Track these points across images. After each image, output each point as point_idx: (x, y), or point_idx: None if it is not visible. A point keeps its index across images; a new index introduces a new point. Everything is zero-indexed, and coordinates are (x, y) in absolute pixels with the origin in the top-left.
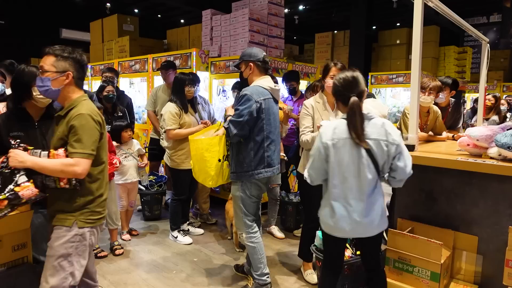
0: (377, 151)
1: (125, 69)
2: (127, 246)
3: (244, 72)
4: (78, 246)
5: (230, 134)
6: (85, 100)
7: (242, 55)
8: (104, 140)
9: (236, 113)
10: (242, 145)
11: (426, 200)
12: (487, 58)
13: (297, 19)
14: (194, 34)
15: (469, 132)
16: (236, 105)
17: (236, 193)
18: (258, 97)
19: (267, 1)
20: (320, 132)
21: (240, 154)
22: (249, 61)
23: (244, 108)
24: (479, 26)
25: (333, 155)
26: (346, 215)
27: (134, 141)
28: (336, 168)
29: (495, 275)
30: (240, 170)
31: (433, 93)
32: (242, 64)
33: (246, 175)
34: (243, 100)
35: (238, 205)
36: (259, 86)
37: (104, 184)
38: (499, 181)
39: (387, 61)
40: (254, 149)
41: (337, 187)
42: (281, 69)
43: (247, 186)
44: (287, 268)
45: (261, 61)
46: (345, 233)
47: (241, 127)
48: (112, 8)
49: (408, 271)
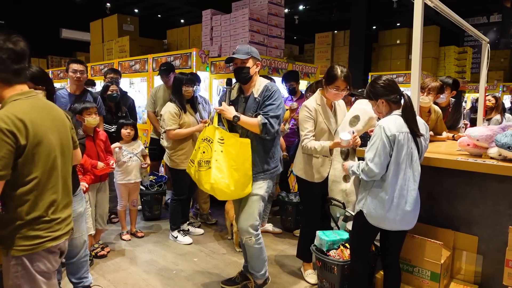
0: (424, 145)
1: (125, 69)
2: (127, 246)
3: (251, 68)
4: (23, 275)
5: (270, 131)
6: (16, 100)
7: (250, 51)
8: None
9: (273, 107)
10: (270, 141)
11: (426, 200)
12: (487, 58)
13: (297, 19)
14: (194, 34)
15: (469, 132)
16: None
17: (261, 192)
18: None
19: (267, 1)
20: (383, 126)
21: (269, 150)
22: (257, 59)
23: (280, 103)
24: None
25: (395, 147)
26: (398, 206)
27: (138, 142)
28: (395, 160)
29: (495, 275)
30: (274, 166)
31: (432, 93)
32: (250, 59)
33: (276, 171)
34: (278, 95)
35: (257, 206)
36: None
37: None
38: (499, 181)
39: (387, 61)
40: (277, 143)
41: (393, 178)
42: (281, 69)
43: (270, 184)
44: (287, 268)
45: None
46: (393, 224)
47: (279, 121)
48: (112, 8)
49: (408, 271)
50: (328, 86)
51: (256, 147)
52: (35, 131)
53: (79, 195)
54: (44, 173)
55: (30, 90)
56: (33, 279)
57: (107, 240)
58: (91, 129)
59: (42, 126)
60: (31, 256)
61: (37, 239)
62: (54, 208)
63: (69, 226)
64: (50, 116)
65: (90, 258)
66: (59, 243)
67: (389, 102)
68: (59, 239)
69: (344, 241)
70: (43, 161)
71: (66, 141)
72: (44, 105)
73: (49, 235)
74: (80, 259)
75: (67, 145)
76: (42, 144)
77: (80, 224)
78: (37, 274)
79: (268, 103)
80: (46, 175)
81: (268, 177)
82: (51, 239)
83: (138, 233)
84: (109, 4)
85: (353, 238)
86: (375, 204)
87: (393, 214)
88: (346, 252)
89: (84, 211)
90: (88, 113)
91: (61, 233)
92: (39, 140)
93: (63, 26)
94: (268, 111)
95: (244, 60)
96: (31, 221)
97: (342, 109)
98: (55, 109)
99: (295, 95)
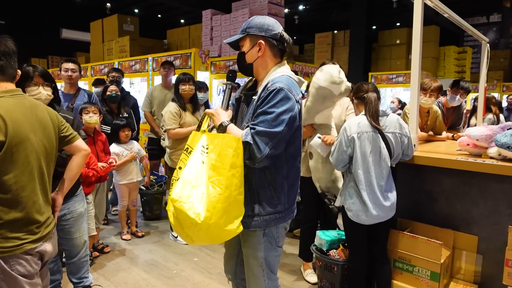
0: (394, 142)
1: (125, 69)
2: (127, 246)
3: (248, 54)
4: (4, 278)
5: (256, 155)
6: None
7: (247, 26)
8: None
9: (269, 119)
10: (269, 172)
11: (426, 200)
12: (487, 58)
13: (297, 19)
14: (194, 34)
15: (469, 132)
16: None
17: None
18: (298, 95)
19: (267, 1)
20: (345, 126)
21: (267, 186)
22: (258, 36)
23: (284, 111)
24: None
25: (358, 146)
26: (374, 201)
27: (134, 142)
28: (362, 158)
29: (495, 275)
30: (272, 211)
31: (434, 94)
32: (245, 40)
33: (280, 217)
34: (279, 97)
35: (258, 265)
36: (290, 77)
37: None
38: (499, 181)
39: (387, 61)
40: (289, 176)
41: (363, 176)
42: None
43: (273, 234)
44: (287, 268)
45: (277, 39)
46: (373, 219)
47: (277, 142)
48: (112, 8)
49: (408, 271)
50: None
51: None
52: (16, 130)
53: (80, 195)
54: (23, 173)
55: (16, 89)
56: (15, 281)
57: (107, 240)
58: (91, 130)
59: (24, 126)
60: (8, 258)
61: (15, 240)
62: (35, 210)
63: (48, 228)
64: (34, 116)
65: (91, 258)
66: (38, 245)
67: (358, 102)
68: (38, 241)
69: (344, 240)
70: (23, 161)
71: (50, 142)
72: (29, 104)
73: (28, 237)
74: (81, 259)
75: (50, 146)
76: (23, 144)
77: (81, 224)
78: (18, 276)
79: (261, 111)
80: (26, 176)
81: (262, 225)
82: (30, 242)
83: (138, 233)
84: (109, 4)
85: (346, 235)
86: (353, 199)
87: (367, 209)
88: (346, 252)
89: (84, 211)
90: (85, 112)
91: (40, 236)
92: (20, 140)
93: (63, 26)
94: (257, 124)
95: (240, 42)
96: (9, 222)
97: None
98: (41, 109)
99: None
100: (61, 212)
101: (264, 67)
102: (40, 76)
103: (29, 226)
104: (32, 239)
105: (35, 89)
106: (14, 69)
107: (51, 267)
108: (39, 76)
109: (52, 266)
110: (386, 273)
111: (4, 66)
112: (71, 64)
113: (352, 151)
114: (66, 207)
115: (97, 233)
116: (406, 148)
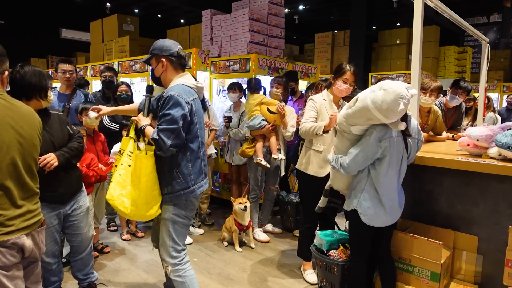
0: (412, 146)
1: (125, 69)
2: (127, 246)
3: (155, 69)
4: None
5: (163, 147)
6: None
7: (152, 49)
8: None
9: (167, 119)
10: (175, 158)
11: (426, 200)
12: (487, 58)
13: (297, 19)
14: (194, 34)
15: (469, 132)
16: (162, 110)
17: (167, 215)
18: (188, 98)
19: (267, 1)
20: (376, 128)
21: (174, 169)
22: (160, 56)
23: (176, 112)
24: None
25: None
26: (391, 204)
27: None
28: (387, 162)
29: (495, 275)
30: (179, 188)
31: (434, 94)
32: (152, 59)
33: (186, 192)
34: (171, 102)
35: (167, 230)
36: (184, 84)
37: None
38: (499, 181)
39: (387, 61)
40: (191, 159)
41: (385, 180)
42: (281, 69)
43: (182, 206)
44: (287, 268)
45: (175, 56)
46: (386, 222)
47: (177, 135)
48: (112, 8)
49: (408, 271)
50: (336, 79)
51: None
52: None
53: (84, 191)
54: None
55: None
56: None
57: (107, 240)
58: (91, 130)
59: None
60: None
61: None
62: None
63: (27, 222)
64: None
65: None
66: (12, 238)
67: None
68: (11, 234)
69: (344, 240)
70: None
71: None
72: (6, 103)
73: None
74: (88, 254)
75: (28, 143)
76: None
77: (88, 218)
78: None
79: (161, 114)
80: None
81: (169, 200)
82: (2, 234)
83: (138, 233)
84: (109, 4)
85: (351, 237)
86: (369, 203)
87: (384, 212)
88: (346, 252)
89: (89, 206)
90: (86, 113)
91: (15, 229)
92: None
93: (63, 26)
94: (160, 124)
95: (149, 60)
96: None
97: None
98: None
99: (295, 95)
100: (71, 208)
101: (168, 79)
102: None
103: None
104: (5, 231)
105: None
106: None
107: (53, 268)
108: None
109: (55, 267)
110: (391, 273)
111: None
112: (68, 65)
113: (382, 154)
114: (75, 202)
115: (97, 233)
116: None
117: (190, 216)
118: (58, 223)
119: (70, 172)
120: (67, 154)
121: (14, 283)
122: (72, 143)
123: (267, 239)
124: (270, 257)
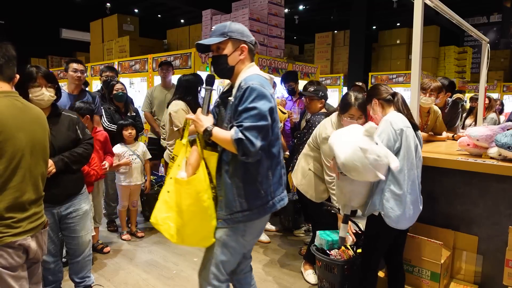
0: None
1: (125, 69)
2: (127, 246)
3: (230, 56)
4: None
5: (250, 150)
6: None
7: (227, 30)
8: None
9: (252, 114)
10: (252, 166)
11: (426, 200)
12: (487, 58)
13: (297, 19)
14: (194, 34)
15: (469, 132)
16: (243, 104)
17: (218, 234)
18: (270, 89)
19: (267, 1)
20: (390, 120)
21: (251, 180)
22: (241, 41)
23: (263, 105)
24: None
25: (404, 140)
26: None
27: (140, 143)
28: (407, 156)
29: (495, 275)
30: (259, 203)
31: (434, 94)
32: (227, 43)
33: (266, 208)
34: (255, 94)
35: (213, 252)
36: (260, 75)
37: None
38: (499, 181)
39: (387, 61)
40: (272, 167)
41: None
42: (281, 69)
43: (247, 226)
44: (287, 268)
45: (254, 45)
46: (409, 223)
47: (265, 133)
48: (112, 8)
49: (408, 271)
50: (342, 114)
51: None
52: (1, 128)
53: (85, 193)
54: (6, 170)
55: (12, 91)
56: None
57: (107, 240)
58: (89, 129)
59: (11, 125)
60: None
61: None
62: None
63: (32, 224)
64: (25, 116)
65: None
66: (19, 239)
67: (382, 101)
68: (19, 235)
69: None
70: (7, 158)
71: (41, 142)
72: (21, 105)
73: (8, 231)
74: (85, 258)
75: (41, 146)
76: (8, 142)
77: (86, 222)
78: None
79: (241, 109)
80: (9, 172)
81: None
82: (11, 235)
83: (138, 233)
84: (109, 4)
85: (372, 245)
86: (392, 203)
87: (409, 212)
88: (348, 253)
89: (89, 210)
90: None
91: (22, 230)
92: (5, 138)
93: (63, 26)
94: (242, 121)
95: (220, 44)
96: None
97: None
98: (34, 112)
99: (295, 95)
100: (67, 210)
101: (241, 69)
102: (43, 77)
103: (8, 221)
104: (13, 233)
105: (38, 90)
106: (13, 72)
107: (52, 267)
108: (42, 77)
109: (53, 266)
110: (402, 279)
111: (2, 66)
112: (79, 65)
113: (400, 146)
114: (71, 205)
115: (97, 233)
116: None
117: (249, 243)
118: (53, 222)
119: (67, 174)
120: (67, 159)
121: (19, 283)
122: (77, 148)
123: (267, 240)
124: (270, 257)
